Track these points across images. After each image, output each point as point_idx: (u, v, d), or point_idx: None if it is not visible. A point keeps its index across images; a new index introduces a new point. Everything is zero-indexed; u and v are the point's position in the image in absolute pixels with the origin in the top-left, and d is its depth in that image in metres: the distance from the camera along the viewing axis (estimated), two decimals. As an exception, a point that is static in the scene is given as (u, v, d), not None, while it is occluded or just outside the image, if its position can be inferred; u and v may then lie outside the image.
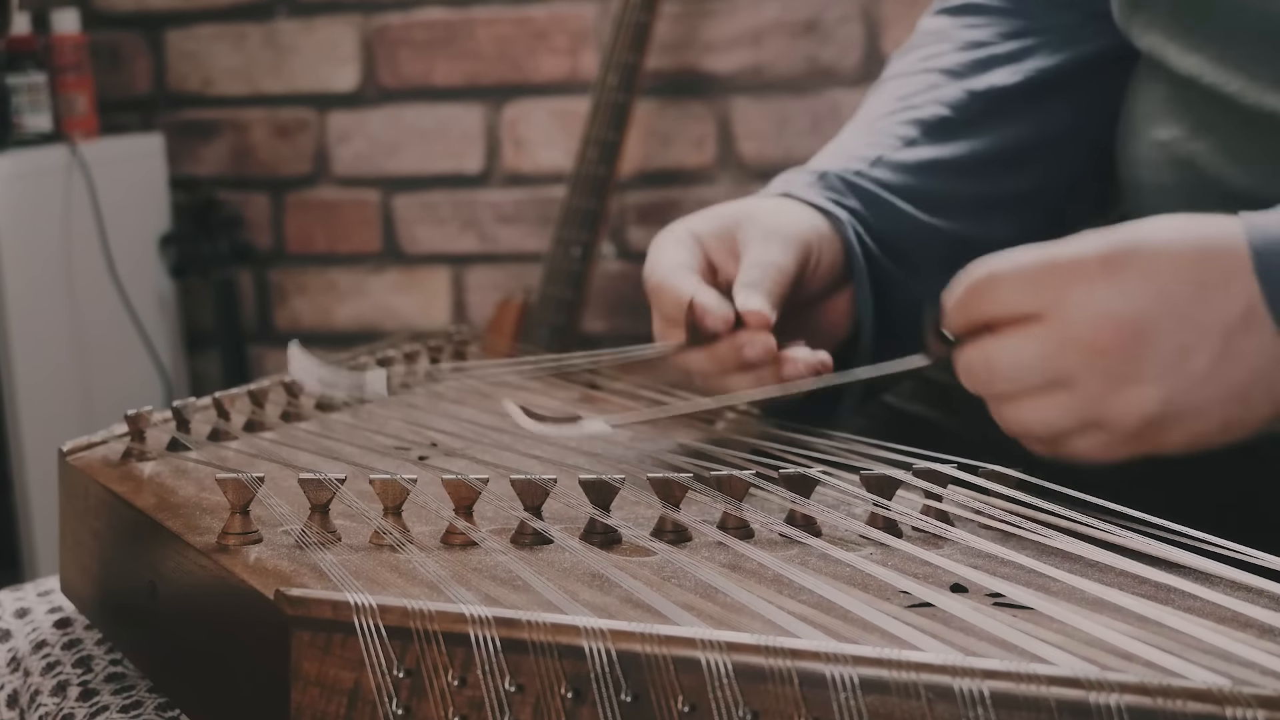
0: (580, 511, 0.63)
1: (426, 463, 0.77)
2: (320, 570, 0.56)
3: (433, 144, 2.44)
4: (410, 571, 0.56)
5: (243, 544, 0.60)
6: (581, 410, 0.93)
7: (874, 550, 0.60)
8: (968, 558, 0.57)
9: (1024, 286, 0.66)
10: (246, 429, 0.85)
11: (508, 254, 2.41)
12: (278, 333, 2.58)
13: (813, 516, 0.62)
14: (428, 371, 0.99)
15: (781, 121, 2.25)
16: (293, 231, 2.55)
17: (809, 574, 0.54)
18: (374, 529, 0.61)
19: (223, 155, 2.56)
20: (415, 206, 2.46)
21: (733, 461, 0.74)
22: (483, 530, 0.62)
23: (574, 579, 0.55)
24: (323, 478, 0.61)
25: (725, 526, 0.62)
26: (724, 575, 0.54)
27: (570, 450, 0.79)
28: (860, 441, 0.74)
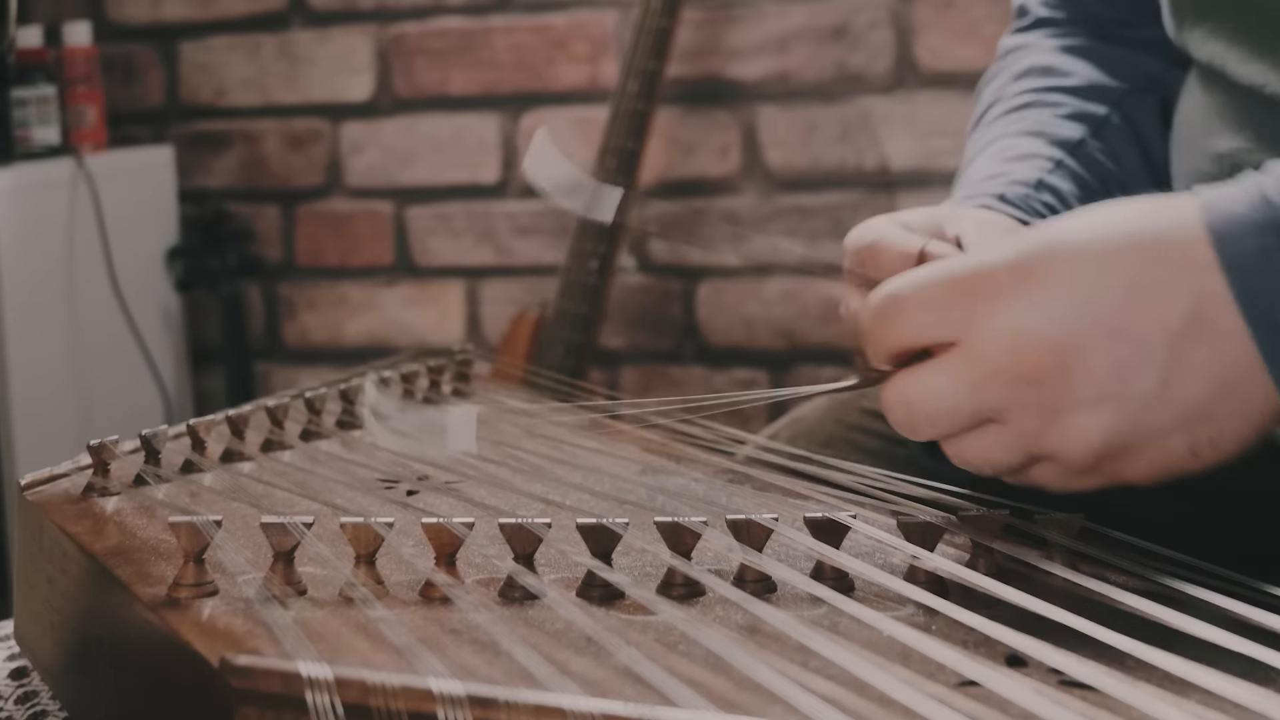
0: (581, 558, 0.56)
1: (414, 498, 0.70)
2: (279, 629, 0.49)
3: (448, 154, 2.38)
4: (378, 634, 0.49)
5: (196, 596, 0.53)
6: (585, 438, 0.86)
7: (914, 611, 0.53)
8: (1025, 622, 0.50)
9: (929, 310, 0.57)
10: (223, 459, 0.79)
11: (525, 267, 2.35)
12: (286, 349, 2.52)
13: (844, 570, 0.55)
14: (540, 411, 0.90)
15: (809, 130, 2.18)
16: (303, 244, 2.49)
17: (839, 642, 0.47)
18: (343, 581, 0.54)
19: (234, 167, 2.50)
20: (429, 218, 2.41)
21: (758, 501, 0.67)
22: (468, 581, 0.55)
23: (565, 645, 0.48)
24: (286, 522, 0.54)
25: (743, 580, 0.55)
26: (739, 642, 0.47)
27: (573, 487, 0.72)
28: (899, 479, 0.67)
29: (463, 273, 2.40)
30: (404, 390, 0.96)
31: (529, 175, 0.76)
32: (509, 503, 0.69)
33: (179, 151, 2.48)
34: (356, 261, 2.47)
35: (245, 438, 0.81)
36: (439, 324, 2.42)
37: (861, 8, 2.14)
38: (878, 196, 2.16)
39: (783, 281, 2.22)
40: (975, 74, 2.08)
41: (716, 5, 2.19)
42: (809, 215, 2.19)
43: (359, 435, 0.87)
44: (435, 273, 2.42)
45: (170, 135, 2.51)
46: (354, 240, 2.46)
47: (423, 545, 0.57)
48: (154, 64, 2.51)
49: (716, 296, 2.25)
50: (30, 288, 2.13)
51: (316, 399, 0.88)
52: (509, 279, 2.37)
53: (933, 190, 2.13)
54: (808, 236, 2.20)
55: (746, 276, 2.24)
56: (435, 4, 2.35)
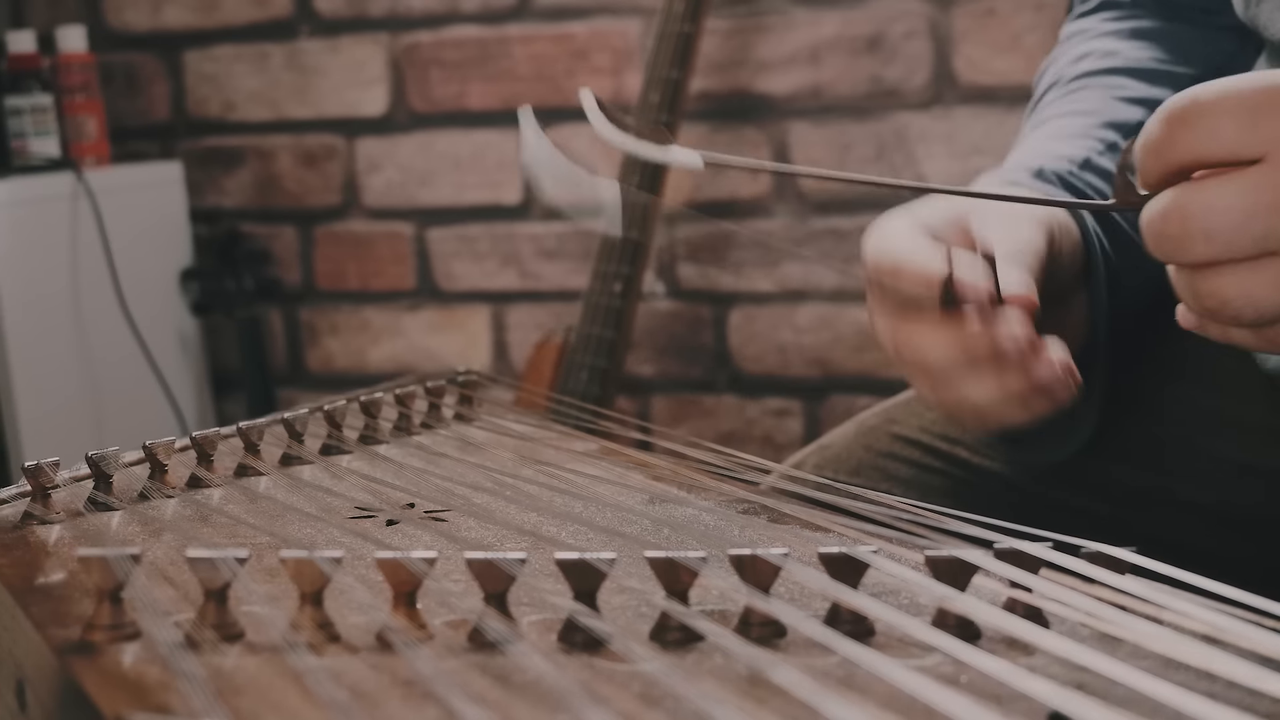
0: (562, 600, 0.49)
1: (391, 530, 0.64)
2: (201, 679, 0.42)
3: (468, 173, 2.33)
4: (315, 688, 0.42)
5: (113, 640, 0.47)
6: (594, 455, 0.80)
7: (941, 660, 0.46)
8: (1067, 671, 0.44)
9: (1239, 119, 0.52)
10: (190, 485, 0.73)
11: (551, 291, 2.29)
12: (309, 375, 2.47)
13: (863, 612, 0.49)
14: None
15: (843, 147, 2.12)
16: (322, 267, 2.44)
17: (854, 699, 0.40)
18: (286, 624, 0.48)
19: (246, 185, 2.46)
20: (451, 240, 2.35)
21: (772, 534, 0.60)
22: (436, 623, 0.49)
23: (533, 700, 0.42)
24: (216, 557, 0.48)
25: (747, 625, 0.48)
26: (736, 698, 0.41)
27: (569, 519, 0.66)
28: (932, 510, 0.60)
29: (487, 297, 2.35)
30: (399, 414, 0.90)
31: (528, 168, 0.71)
32: (495, 536, 0.63)
33: (188, 168, 2.44)
34: (378, 285, 2.42)
35: (214, 462, 0.75)
36: (465, 350, 2.36)
37: (897, 16, 2.08)
38: (916, 216, 2.10)
39: (816, 307, 2.15)
40: (1017, 88, 2.03)
41: (744, 13, 2.13)
42: (843, 238, 2.13)
43: (344, 461, 0.81)
44: (459, 297, 2.37)
45: (178, 151, 2.47)
46: (375, 263, 2.41)
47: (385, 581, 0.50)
48: (158, 75, 2.47)
49: (748, 323, 2.19)
50: (33, 309, 2.09)
51: (297, 421, 0.82)
52: (535, 304, 2.31)
53: (973, 209, 2.07)
54: (842, 261, 2.13)
55: (779, 302, 2.17)
56: (449, 11, 2.30)
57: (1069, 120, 0.85)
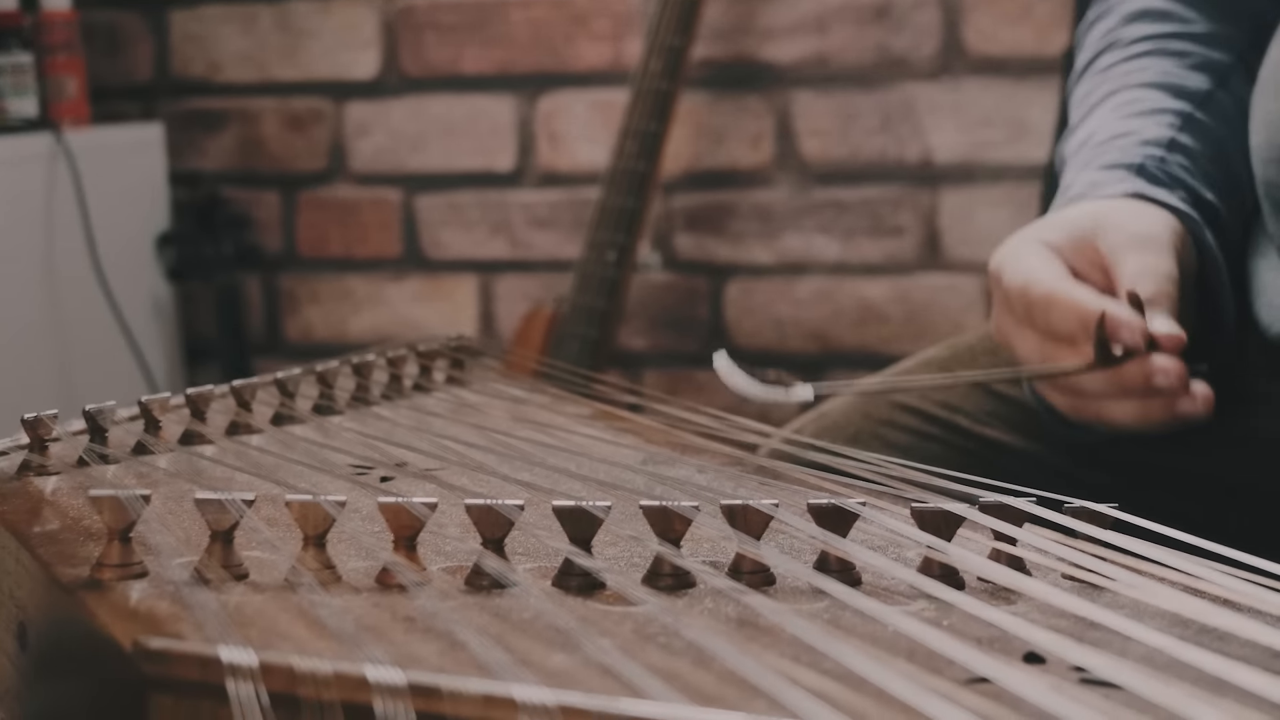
0: (559, 544, 0.53)
1: (388, 484, 0.68)
2: (210, 614, 0.46)
3: (460, 139, 2.36)
4: (321, 621, 0.46)
5: (121, 578, 0.51)
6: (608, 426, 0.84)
7: (926, 606, 0.50)
8: (1046, 618, 0.48)
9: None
10: (182, 442, 0.77)
11: (542, 261, 2.33)
12: (287, 345, 2.51)
13: (851, 561, 0.53)
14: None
15: (848, 118, 2.16)
16: (305, 233, 2.47)
17: (839, 636, 0.44)
18: (291, 564, 0.52)
19: (229, 148, 2.49)
20: (440, 208, 2.39)
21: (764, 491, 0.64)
22: (432, 569, 0.53)
23: (531, 635, 0.45)
24: (224, 499, 0.51)
25: (738, 571, 0.52)
26: (726, 635, 0.45)
27: (564, 474, 0.70)
28: (916, 468, 0.64)
29: (476, 267, 2.38)
30: (391, 376, 0.94)
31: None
32: (490, 489, 0.67)
33: (170, 130, 2.47)
34: (362, 253, 2.45)
35: (208, 420, 0.79)
36: (450, 321, 2.40)
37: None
38: (920, 191, 2.13)
39: (816, 281, 2.19)
40: (1028, 59, 2.06)
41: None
42: (846, 210, 2.16)
43: (337, 421, 0.85)
44: (446, 266, 2.40)
45: (160, 112, 2.50)
46: (359, 230, 2.44)
47: (383, 530, 0.54)
48: (142, 34, 2.50)
49: (746, 296, 2.23)
50: (5, 267, 2.12)
51: (289, 381, 0.86)
52: (525, 274, 2.35)
53: (979, 186, 2.10)
54: (842, 234, 2.17)
55: (778, 275, 2.21)
56: (445, -27, 2.34)
57: (1140, 93, 0.89)
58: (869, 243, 2.17)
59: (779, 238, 2.21)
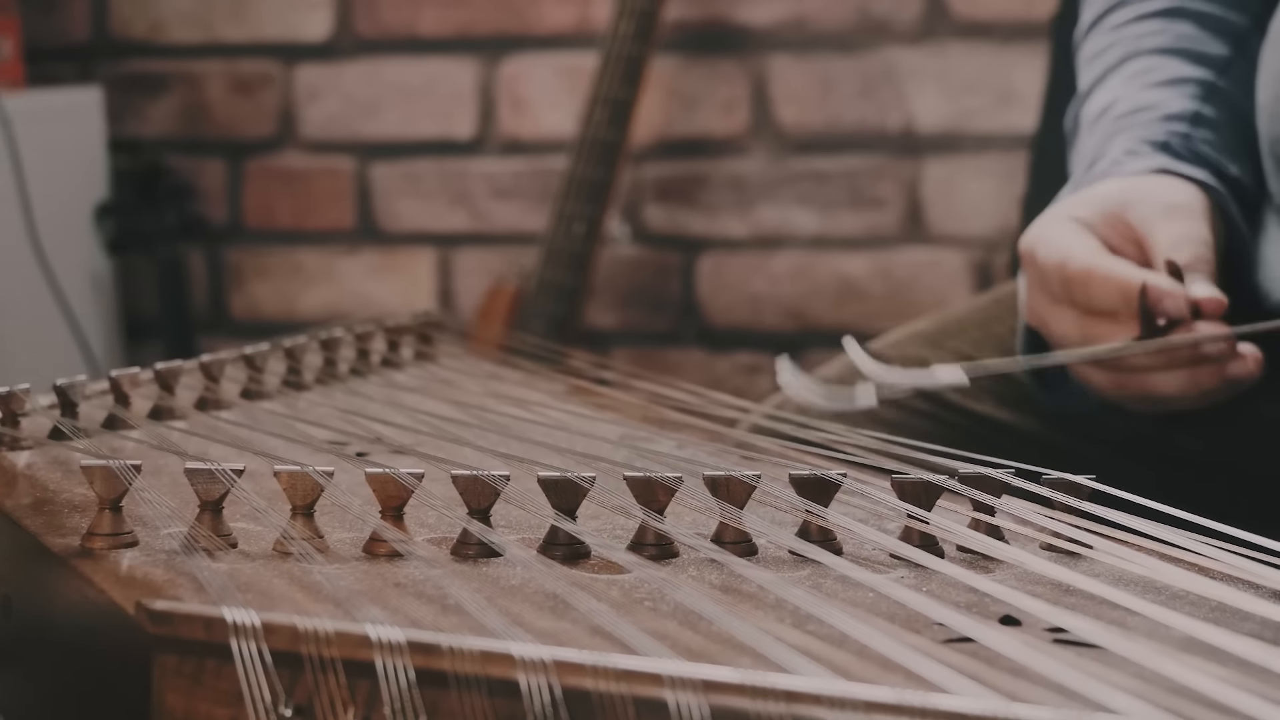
0: (543, 518, 0.58)
1: (364, 460, 0.72)
2: (203, 580, 0.51)
3: (417, 104, 2.40)
4: (315, 586, 0.51)
5: (112, 548, 0.55)
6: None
7: (906, 573, 0.55)
8: (1024, 584, 0.52)
9: None
10: (152, 417, 0.81)
11: (503, 234, 2.37)
12: (233, 322, 2.54)
13: (832, 530, 0.57)
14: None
15: (826, 84, 2.20)
16: (252, 204, 2.51)
17: (820, 599, 0.49)
18: (278, 535, 0.56)
19: (172, 114, 2.52)
20: (396, 177, 2.42)
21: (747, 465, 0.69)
22: (417, 539, 0.57)
23: (521, 599, 0.50)
24: (215, 469, 0.56)
25: (721, 540, 0.57)
26: (712, 599, 0.49)
27: (544, 448, 0.74)
28: (898, 443, 0.69)
29: (434, 239, 2.42)
30: (358, 352, 0.98)
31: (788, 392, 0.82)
32: (470, 461, 0.71)
33: (109, 94, 2.49)
34: (313, 225, 2.48)
35: (176, 395, 0.83)
36: (406, 296, 2.43)
37: (888, -56, 2.16)
38: (902, 161, 2.18)
39: (793, 255, 2.23)
40: (1015, 23, 2.11)
41: (724, -61, 2.21)
42: (824, 181, 2.21)
43: (307, 396, 0.89)
44: (402, 239, 2.44)
45: (99, 75, 2.52)
46: (310, 201, 2.48)
47: (368, 502, 0.58)
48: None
49: (719, 272, 2.27)
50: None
51: (257, 357, 0.90)
52: (486, 247, 2.38)
53: (964, 156, 2.15)
54: (821, 206, 2.21)
55: (753, 250, 2.25)
56: (404, -70, 2.37)
57: (1159, 61, 0.94)
58: (848, 215, 2.21)
59: (754, 210, 2.25)
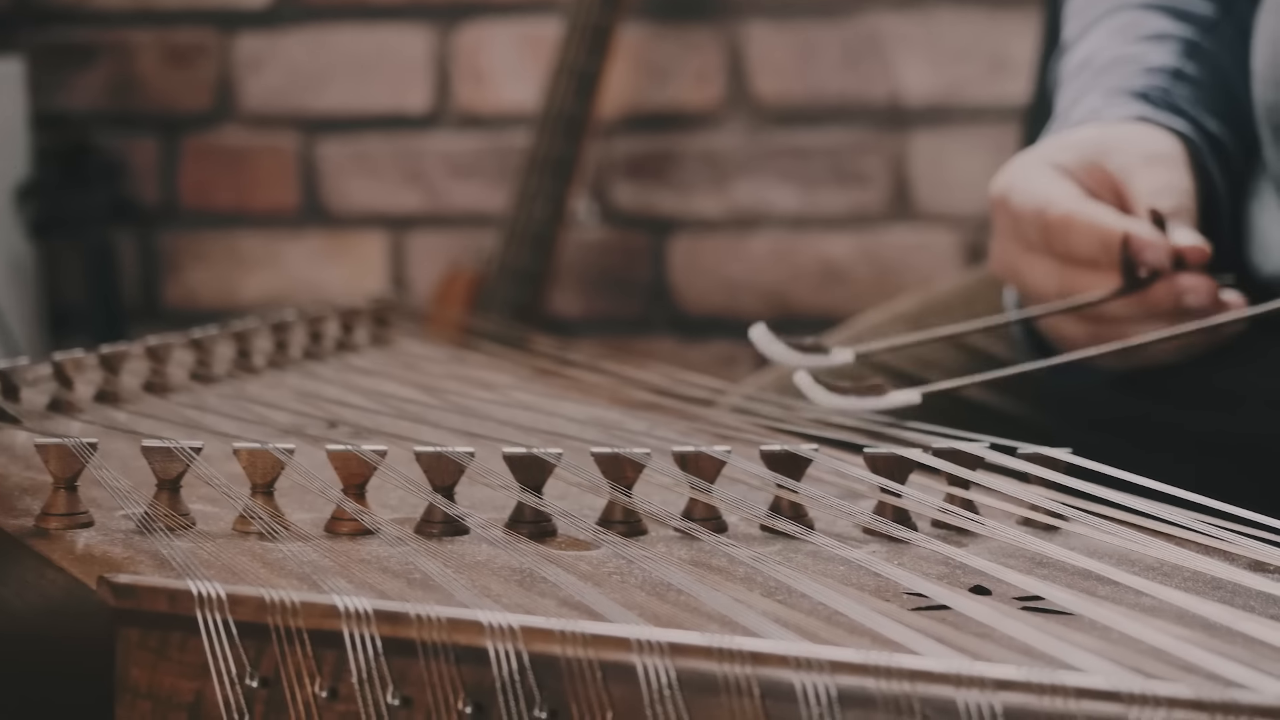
0: (509, 496, 0.62)
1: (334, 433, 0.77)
2: (162, 558, 0.55)
3: (367, 76, 2.42)
4: (279, 563, 0.55)
5: (67, 527, 0.59)
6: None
7: (879, 547, 0.59)
8: (998, 557, 0.57)
9: None
10: (98, 400, 0.85)
11: (461, 215, 2.40)
12: (167, 310, 2.56)
13: (803, 505, 0.62)
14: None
15: (807, 52, 2.24)
16: (188, 184, 2.53)
17: (791, 572, 0.53)
18: (239, 513, 0.60)
19: (100, 86, 2.54)
20: (344, 154, 2.45)
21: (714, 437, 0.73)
22: (380, 517, 0.61)
23: (488, 574, 0.54)
24: (173, 446, 0.60)
25: (691, 516, 0.61)
26: (681, 571, 0.53)
27: (510, 426, 0.78)
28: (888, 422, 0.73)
29: (385, 221, 2.44)
30: (311, 336, 1.02)
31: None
32: (434, 440, 0.75)
33: (31, 65, 2.51)
34: (254, 206, 2.50)
35: (122, 379, 0.87)
36: (356, 282, 2.45)
37: (871, -98, 2.20)
38: (887, 135, 2.21)
39: (772, 236, 2.27)
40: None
41: (696, -103, 2.25)
42: (805, 157, 2.24)
43: (260, 379, 0.93)
44: (351, 220, 2.46)
45: (20, 44, 2.54)
46: (251, 180, 2.50)
47: (329, 482, 0.62)
48: (1, -42, 2.55)
49: (692, 254, 2.30)
50: None
51: (206, 340, 0.94)
52: (442, 229, 2.41)
53: (954, 128, 2.19)
54: (802, 184, 2.25)
55: (728, 230, 2.29)
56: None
57: (1142, 16, 0.98)
58: (831, 193, 2.25)
59: (730, 188, 2.28)
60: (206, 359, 0.93)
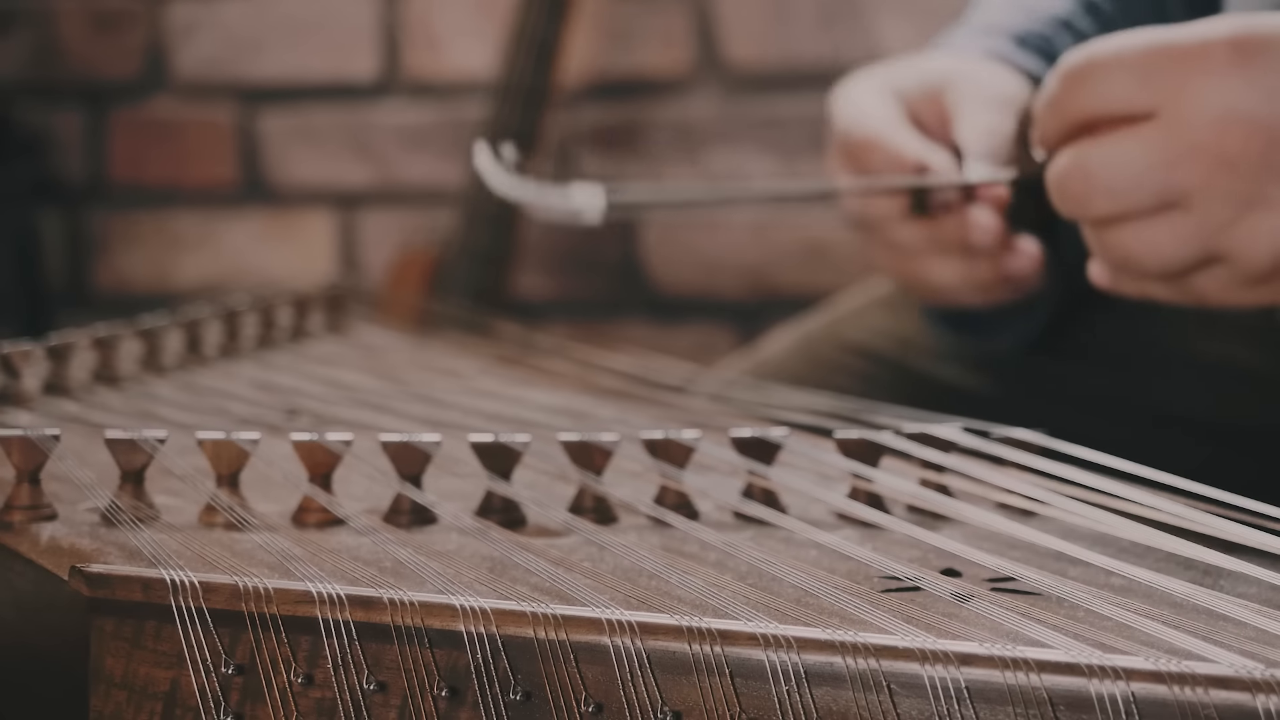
0: (478, 485, 0.67)
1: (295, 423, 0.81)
2: (131, 549, 0.60)
3: (309, 41, 2.46)
4: (248, 553, 0.60)
5: (32, 520, 0.64)
6: (498, 368, 0.97)
7: (851, 532, 0.64)
8: (971, 540, 0.62)
9: (1133, 76, 0.71)
10: (47, 392, 0.90)
11: (414, 190, 2.43)
12: (96, 295, 2.59)
13: (775, 490, 0.67)
14: None
15: (781, 12, 2.27)
16: (118, 159, 2.56)
17: (762, 556, 0.58)
18: (204, 504, 0.65)
19: (21, 55, 2.56)
20: (286, 126, 2.48)
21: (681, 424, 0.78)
22: (348, 508, 0.66)
23: (459, 561, 0.59)
24: (137, 438, 0.65)
25: (662, 503, 0.66)
26: (652, 556, 0.58)
27: (475, 414, 0.83)
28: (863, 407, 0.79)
29: (332, 198, 2.48)
30: (263, 324, 1.07)
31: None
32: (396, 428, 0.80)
33: (-48, 34, 2.55)
34: (190, 182, 2.53)
35: (70, 370, 0.92)
36: (301, 265, 2.48)
37: None
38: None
39: (750, 212, 2.30)
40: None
41: None
42: (780, 126, 2.27)
43: (212, 370, 0.98)
44: (295, 197, 2.49)
45: (-60, 13, 2.58)
46: (186, 154, 2.53)
47: (292, 473, 0.67)
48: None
49: (666, 232, 2.33)
50: None
51: (155, 331, 0.99)
52: (394, 206, 2.44)
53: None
54: (780, 154, 2.28)
55: (701, 206, 2.32)
56: None
57: None
58: (812, 163, 2.28)
59: (704, 159, 2.32)
60: (156, 348, 0.98)
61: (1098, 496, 0.64)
